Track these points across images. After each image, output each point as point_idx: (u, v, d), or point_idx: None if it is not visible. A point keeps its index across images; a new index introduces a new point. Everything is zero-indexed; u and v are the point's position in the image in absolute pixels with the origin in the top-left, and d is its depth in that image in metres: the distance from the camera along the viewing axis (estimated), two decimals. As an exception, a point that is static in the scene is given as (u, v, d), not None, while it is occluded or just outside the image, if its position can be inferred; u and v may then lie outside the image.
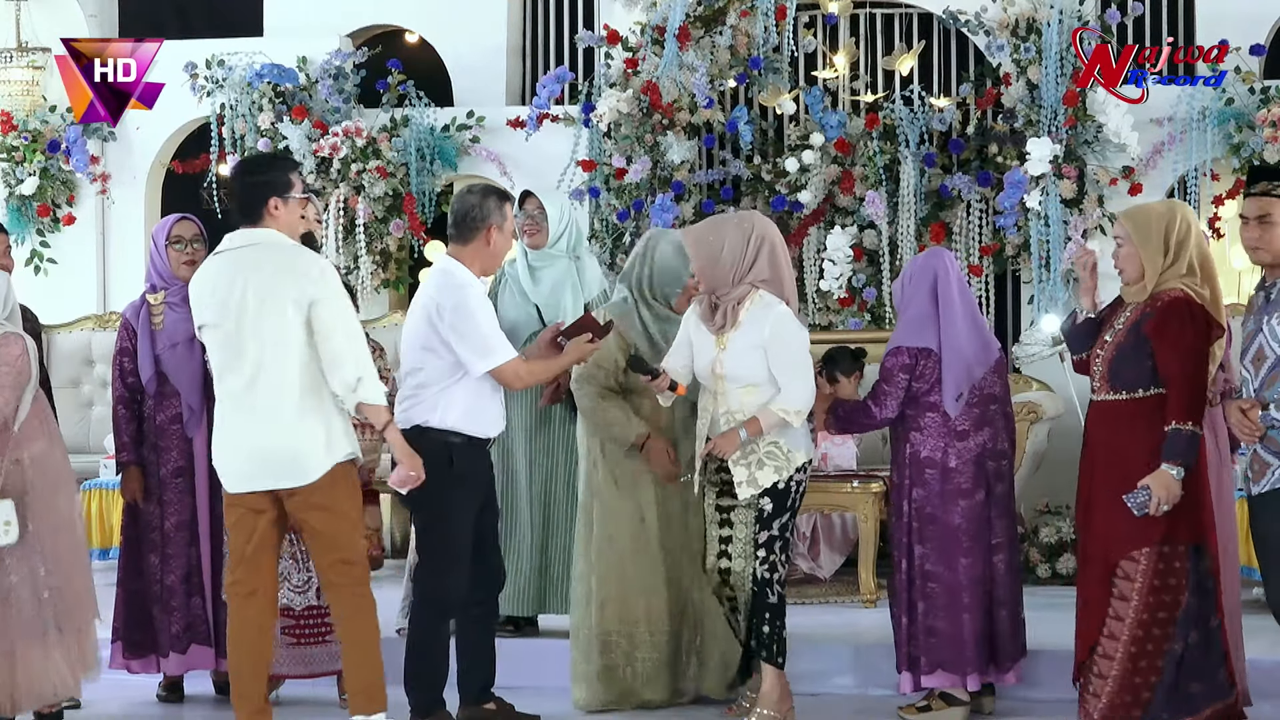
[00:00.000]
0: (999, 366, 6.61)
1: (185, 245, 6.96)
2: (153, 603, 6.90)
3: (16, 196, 10.64)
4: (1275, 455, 5.52)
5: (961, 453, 6.49)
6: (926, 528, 6.52)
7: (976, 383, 6.50)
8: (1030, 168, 9.12)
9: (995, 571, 6.55)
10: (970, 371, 6.48)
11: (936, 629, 6.51)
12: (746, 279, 6.26)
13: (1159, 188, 9.31)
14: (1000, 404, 6.58)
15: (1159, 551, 5.84)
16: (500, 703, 6.47)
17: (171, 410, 6.89)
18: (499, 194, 6.36)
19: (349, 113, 10.20)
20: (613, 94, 9.63)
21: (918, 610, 6.54)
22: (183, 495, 6.90)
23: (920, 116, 9.52)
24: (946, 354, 6.47)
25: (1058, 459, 9.01)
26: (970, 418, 6.49)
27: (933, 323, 6.49)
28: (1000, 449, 6.57)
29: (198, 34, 10.71)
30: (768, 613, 6.28)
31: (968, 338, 6.51)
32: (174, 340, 6.85)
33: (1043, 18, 9.21)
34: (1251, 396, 5.59)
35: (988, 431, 6.52)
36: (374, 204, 10.08)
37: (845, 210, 9.61)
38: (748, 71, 9.80)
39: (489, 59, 10.46)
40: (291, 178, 5.99)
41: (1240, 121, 9.09)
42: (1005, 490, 6.58)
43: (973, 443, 6.50)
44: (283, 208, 5.94)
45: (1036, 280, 9.25)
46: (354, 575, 5.93)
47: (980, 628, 6.53)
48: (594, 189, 9.78)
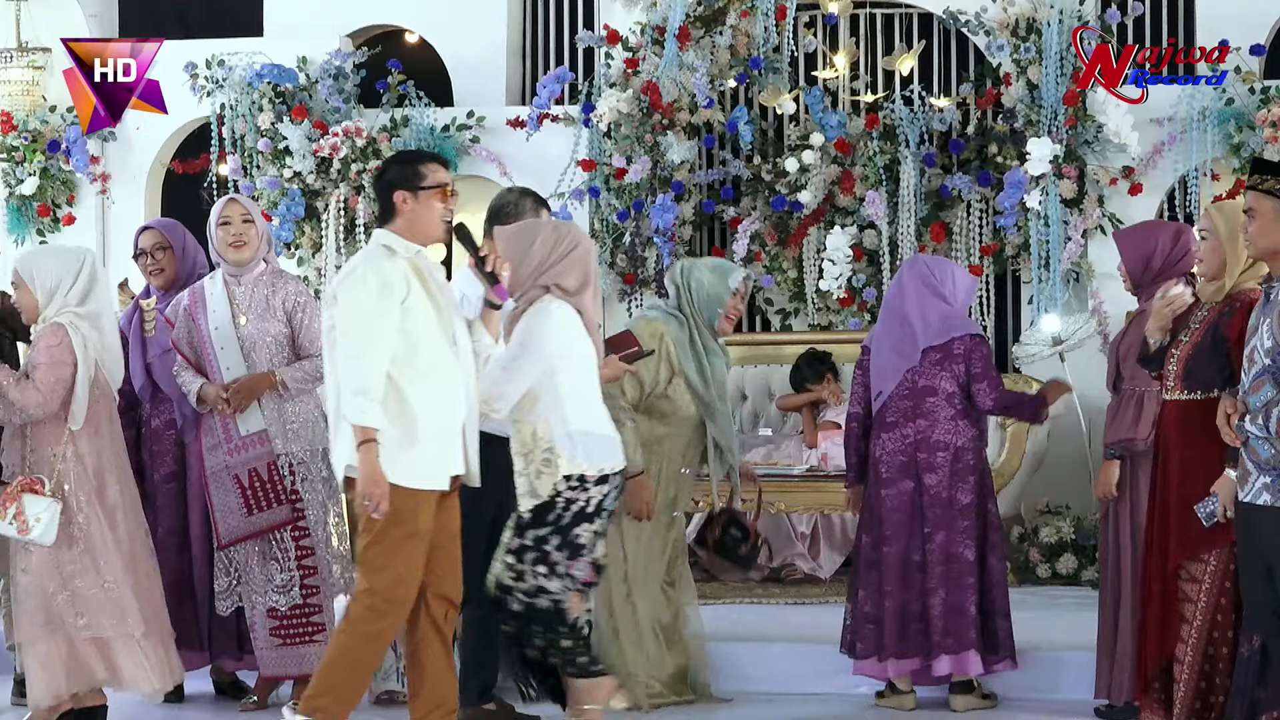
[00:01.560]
0: (947, 358, 6.66)
1: (148, 256, 6.94)
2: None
3: (16, 196, 10.63)
4: (1256, 465, 5.36)
5: (885, 443, 6.70)
6: (865, 515, 6.80)
7: (906, 376, 6.67)
8: (1030, 168, 9.12)
9: (928, 559, 6.64)
10: (888, 367, 6.70)
11: (869, 615, 6.71)
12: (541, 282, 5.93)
13: (1159, 188, 9.31)
14: (947, 397, 6.66)
15: (1230, 552, 5.73)
16: (500, 703, 6.46)
17: (164, 416, 6.88)
18: (536, 197, 6.33)
19: (349, 113, 10.20)
20: (613, 94, 9.63)
21: (858, 597, 6.74)
22: (174, 501, 6.88)
23: (920, 116, 9.52)
24: (872, 352, 6.80)
25: (1058, 459, 9.03)
26: (900, 410, 6.68)
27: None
28: (937, 440, 6.66)
29: (198, 34, 10.70)
30: (540, 624, 5.84)
31: (888, 335, 6.75)
32: (165, 347, 6.84)
33: (1043, 18, 9.21)
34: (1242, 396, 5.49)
35: (920, 423, 6.66)
36: (374, 204, 10.05)
37: (845, 210, 9.61)
38: (748, 71, 9.80)
39: (489, 59, 10.46)
40: (422, 169, 5.75)
41: (1240, 121, 9.09)
42: (941, 480, 6.65)
43: (898, 434, 6.68)
44: (412, 201, 5.75)
45: (1036, 280, 9.25)
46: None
47: (905, 613, 6.65)
48: (594, 189, 9.77)
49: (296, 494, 6.70)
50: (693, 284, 6.69)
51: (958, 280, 6.84)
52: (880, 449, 6.72)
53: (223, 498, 6.68)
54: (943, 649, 6.62)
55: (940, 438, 6.65)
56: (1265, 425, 5.31)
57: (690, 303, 6.70)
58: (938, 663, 6.64)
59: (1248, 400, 5.40)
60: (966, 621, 6.61)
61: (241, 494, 6.66)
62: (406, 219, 5.72)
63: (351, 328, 5.50)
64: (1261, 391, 5.34)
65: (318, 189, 10.13)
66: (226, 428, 6.68)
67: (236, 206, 6.83)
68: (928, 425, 6.66)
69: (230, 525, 6.68)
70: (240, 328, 6.70)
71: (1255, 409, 5.36)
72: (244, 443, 6.69)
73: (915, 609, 6.66)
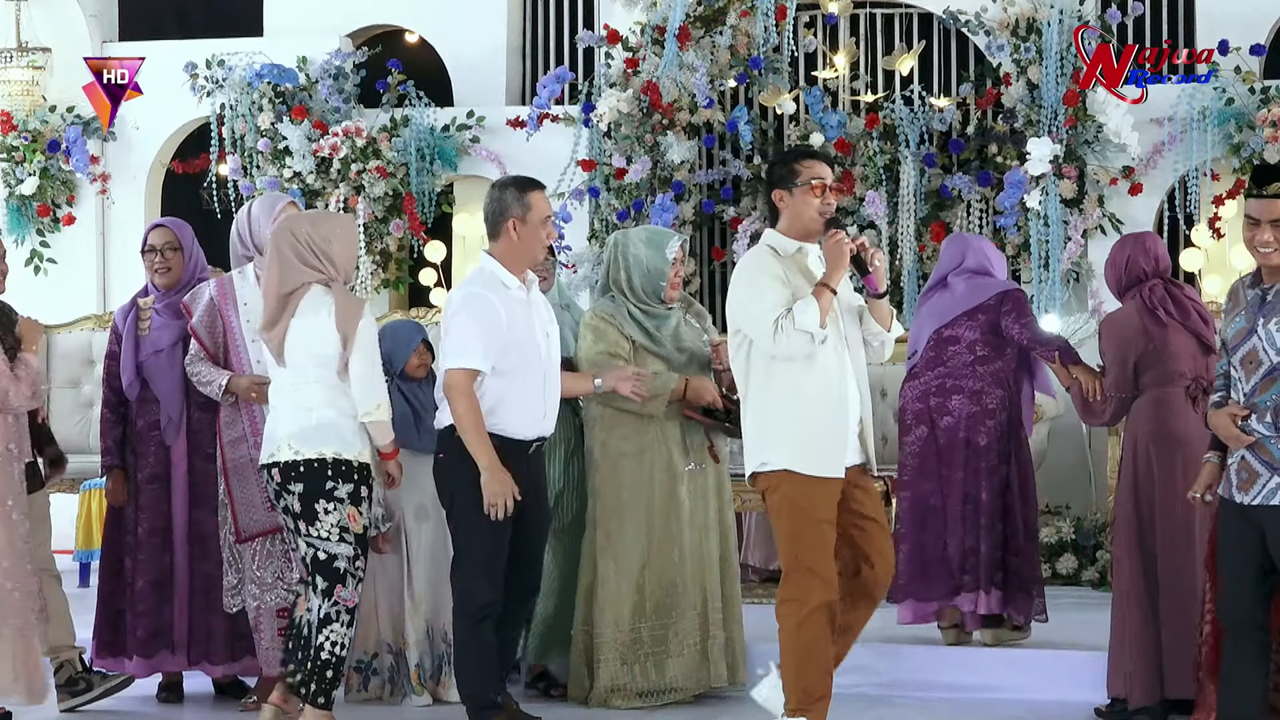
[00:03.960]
0: (977, 310, 7.00)
1: (157, 254, 6.90)
2: (125, 606, 6.85)
3: (16, 196, 10.63)
4: (1265, 465, 5.32)
5: (907, 392, 7.15)
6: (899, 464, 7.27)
7: (933, 332, 7.06)
8: (1030, 168, 9.12)
9: (946, 501, 7.00)
10: (925, 329, 7.10)
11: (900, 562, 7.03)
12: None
13: (1159, 188, 9.31)
14: (969, 346, 7.00)
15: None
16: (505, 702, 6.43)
17: (150, 416, 6.83)
18: (519, 184, 6.13)
19: (349, 113, 10.20)
20: (613, 94, 9.63)
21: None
22: (157, 502, 6.83)
23: (920, 116, 9.53)
24: (916, 315, 7.30)
25: (1058, 459, 9.03)
26: (924, 360, 7.09)
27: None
28: (954, 385, 7.01)
29: (198, 34, 10.70)
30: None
31: (930, 300, 7.18)
32: (157, 347, 6.80)
33: (1043, 18, 9.21)
34: (1240, 401, 5.46)
35: (940, 370, 7.04)
36: (374, 204, 10.08)
37: (845, 210, 9.60)
38: (748, 71, 9.80)
39: (489, 59, 10.46)
40: (797, 166, 5.77)
41: (1240, 121, 9.09)
42: (958, 423, 6.97)
43: (920, 382, 7.10)
44: (788, 199, 5.76)
45: (1036, 280, 9.24)
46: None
47: (923, 557, 7.01)
48: (594, 189, 9.77)
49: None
50: (630, 261, 6.68)
51: (993, 258, 7.24)
52: (904, 397, 7.14)
53: (244, 491, 6.62)
54: (962, 588, 6.95)
55: (957, 382, 7.00)
56: (1274, 424, 5.29)
57: (628, 280, 6.66)
58: (958, 600, 6.98)
59: (1255, 401, 5.35)
60: (977, 560, 6.93)
61: (263, 488, 6.63)
62: (786, 217, 5.82)
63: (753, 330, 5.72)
64: (1271, 390, 5.31)
65: (318, 189, 10.13)
66: (253, 421, 6.64)
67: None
68: (946, 372, 7.02)
69: (251, 519, 6.62)
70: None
71: (1264, 408, 5.32)
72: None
73: (936, 553, 6.98)
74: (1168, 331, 6.44)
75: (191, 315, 6.70)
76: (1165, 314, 6.45)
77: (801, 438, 5.70)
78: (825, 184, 5.76)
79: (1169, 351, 6.42)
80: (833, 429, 5.73)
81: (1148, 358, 6.43)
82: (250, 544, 6.64)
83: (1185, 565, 6.26)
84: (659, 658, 6.66)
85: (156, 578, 6.80)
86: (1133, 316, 6.48)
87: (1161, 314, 6.45)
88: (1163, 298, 6.49)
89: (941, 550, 7.02)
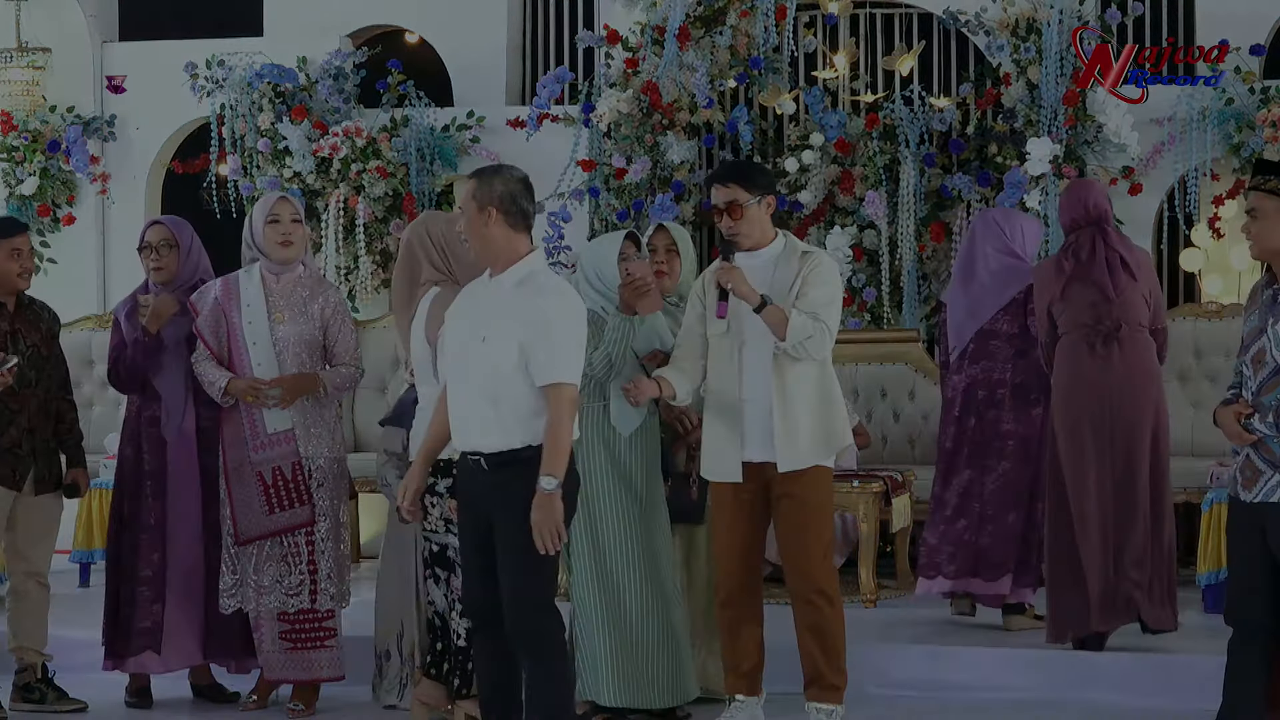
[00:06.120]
0: (1012, 303, 7.24)
1: (152, 251, 6.87)
2: (123, 604, 6.83)
3: (16, 196, 10.64)
4: (1268, 464, 5.37)
5: (953, 385, 7.40)
6: (938, 453, 7.56)
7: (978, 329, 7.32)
8: (1030, 168, 9.13)
9: (984, 489, 7.29)
10: (964, 327, 7.33)
11: (927, 541, 7.48)
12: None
13: (1159, 188, 9.31)
14: (1008, 339, 7.26)
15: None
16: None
17: (150, 412, 6.84)
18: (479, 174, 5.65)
19: (349, 113, 10.21)
20: (613, 94, 9.63)
21: (925, 526, 7.67)
22: (153, 499, 6.84)
23: (920, 116, 9.53)
24: (948, 310, 7.49)
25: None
26: (968, 354, 7.31)
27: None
28: (996, 379, 7.28)
29: (198, 34, 10.70)
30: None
31: (962, 296, 7.40)
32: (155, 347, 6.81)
33: (1043, 18, 9.21)
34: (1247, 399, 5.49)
35: (984, 363, 7.29)
36: (374, 204, 10.09)
37: (845, 210, 9.61)
38: (748, 71, 9.80)
39: (489, 59, 10.47)
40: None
41: (1240, 121, 9.09)
42: (999, 415, 7.27)
43: (964, 375, 7.33)
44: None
45: (1036, 280, 9.25)
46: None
47: (956, 541, 7.34)
48: (594, 189, 9.78)
49: (313, 498, 6.68)
50: (588, 272, 6.59)
51: (1026, 232, 7.42)
52: (950, 390, 7.43)
53: (244, 494, 6.62)
54: (977, 573, 7.29)
55: (999, 376, 7.25)
56: (1277, 424, 5.34)
57: (592, 289, 6.56)
58: (973, 582, 7.31)
59: (1260, 400, 5.40)
60: (993, 545, 7.26)
61: (264, 491, 6.61)
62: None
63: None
64: (1276, 390, 5.36)
65: (318, 189, 10.14)
66: (253, 423, 6.64)
67: (287, 205, 6.75)
68: (990, 365, 7.28)
69: (249, 522, 6.63)
70: (275, 326, 6.68)
71: (1268, 408, 5.37)
72: (270, 440, 6.64)
73: (969, 538, 7.31)
74: (1068, 280, 6.88)
75: (198, 314, 6.71)
76: (1069, 262, 6.89)
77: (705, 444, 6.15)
78: (717, 206, 6.06)
79: (1067, 299, 6.88)
80: (723, 434, 6.05)
81: (1056, 306, 6.92)
82: (249, 546, 6.65)
83: (1091, 510, 6.77)
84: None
85: (149, 574, 6.78)
86: (1048, 266, 7.01)
87: (1066, 263, 6.89)
88: (1074, 246, 6.90)
89: (974, 536, 7.32)
